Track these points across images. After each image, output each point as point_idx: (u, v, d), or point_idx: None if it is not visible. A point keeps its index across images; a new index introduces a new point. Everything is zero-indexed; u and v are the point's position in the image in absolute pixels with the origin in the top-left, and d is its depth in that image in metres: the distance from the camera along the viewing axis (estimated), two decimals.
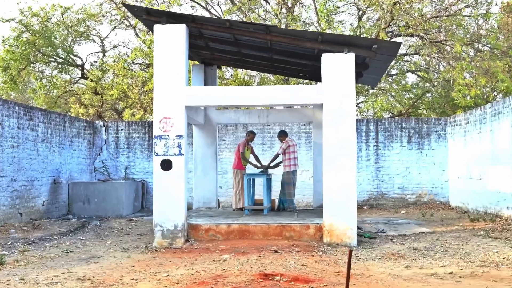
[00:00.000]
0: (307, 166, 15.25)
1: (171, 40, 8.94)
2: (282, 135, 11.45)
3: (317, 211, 11.39)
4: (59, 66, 22.06)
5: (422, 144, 15.53)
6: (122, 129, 16.05)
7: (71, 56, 22.11)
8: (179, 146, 8.91)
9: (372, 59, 9.32)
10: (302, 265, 6.96)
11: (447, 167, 15.38)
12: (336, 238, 8.75)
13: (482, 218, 11.90)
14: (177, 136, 8.93)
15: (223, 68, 20.29)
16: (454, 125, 15.04)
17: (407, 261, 7.36)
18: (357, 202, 15.04)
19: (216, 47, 11.06)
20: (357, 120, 15.51)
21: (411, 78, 22.69)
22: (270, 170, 11.60)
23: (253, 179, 11.41)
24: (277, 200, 11.67)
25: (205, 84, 12.03)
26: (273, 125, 15.61)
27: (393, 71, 20.42)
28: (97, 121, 16.15)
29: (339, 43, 9.01)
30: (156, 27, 8.97)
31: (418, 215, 13.54)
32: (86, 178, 15.33)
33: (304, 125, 15.62)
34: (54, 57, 21.52)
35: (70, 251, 8.38)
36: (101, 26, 34.23)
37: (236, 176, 11.31)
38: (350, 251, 4.59)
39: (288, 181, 11.23)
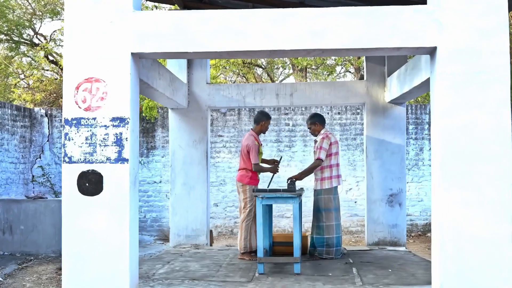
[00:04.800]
0: (344, 174, 10.39)
1: None
2: (317, 121, 6.53)
3: (383, 258, 6.53)
4: (13, 45, 17.72)
5: None
6: None
7: (36, 35, 17.76)
8: (119, 141, 4.06)
9: None
10: None
11: None
12: None
13: None
14: (114, 120, 4.08)
15: None
16: None
17: None
18: (418, 227, 10.21)
19: None
20: (409, 105, 10.62)
21: None
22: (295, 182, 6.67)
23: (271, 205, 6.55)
24: (309, 237, 6.82)
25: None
26: (293, 114, 10.64)
27: None
28: (36, 109, 11.14)
29: None
30: None
31: None
32: (19, 193, 10.42)
33: (339, 113, 10.65)
34: (8, 33, 17.09)
35: None
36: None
37: (244, 196, 6.35)
38: None
39: (328, 206, 6.34)
